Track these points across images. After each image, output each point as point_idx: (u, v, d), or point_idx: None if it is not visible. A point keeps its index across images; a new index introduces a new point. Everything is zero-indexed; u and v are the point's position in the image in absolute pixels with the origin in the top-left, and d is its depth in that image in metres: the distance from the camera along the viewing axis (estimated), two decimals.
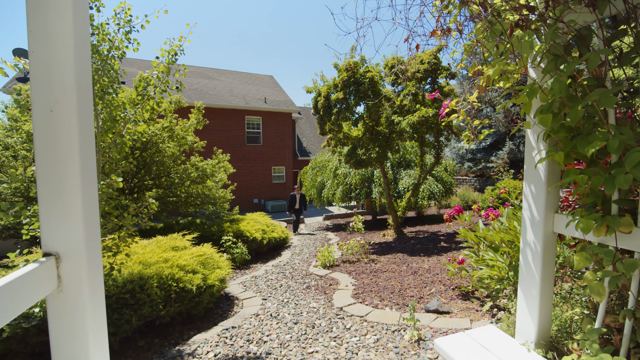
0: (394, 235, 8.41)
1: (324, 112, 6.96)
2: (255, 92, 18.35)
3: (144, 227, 3.07)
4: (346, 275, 5.02)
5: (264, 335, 3.11)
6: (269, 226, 7.93)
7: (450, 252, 5.99)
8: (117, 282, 2.99)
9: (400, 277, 4.62)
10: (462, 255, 3.39)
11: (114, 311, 2.86)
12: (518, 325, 1.67)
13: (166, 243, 3.96)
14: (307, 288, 4.61)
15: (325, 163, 12.21)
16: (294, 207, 10.77)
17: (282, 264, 6.40)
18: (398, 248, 6.84)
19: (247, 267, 6.44)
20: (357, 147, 7.35)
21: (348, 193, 10.89)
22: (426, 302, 3.55)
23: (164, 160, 6.86)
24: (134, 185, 7.14)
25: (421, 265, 5.20)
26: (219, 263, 4.09)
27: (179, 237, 4.29)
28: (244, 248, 6.58)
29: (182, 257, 3.67)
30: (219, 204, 7.91)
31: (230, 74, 19.93)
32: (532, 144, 1.60)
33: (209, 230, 7.16)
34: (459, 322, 2.90)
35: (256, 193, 17.44)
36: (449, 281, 4.17)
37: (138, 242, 4.03)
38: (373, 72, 6.69)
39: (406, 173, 11.05)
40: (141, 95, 3.10)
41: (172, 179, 7.15)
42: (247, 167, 17.13)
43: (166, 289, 3.23)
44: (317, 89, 7.20)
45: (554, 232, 1.50)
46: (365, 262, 5.77)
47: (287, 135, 18.18)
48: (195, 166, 7.10)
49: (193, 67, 19.24)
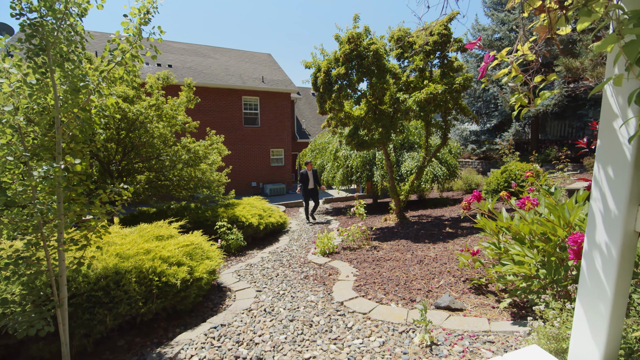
0: (396, 219, 8.08)
1: (324, 89, 6.47)
2: (252, 71, 17.66)
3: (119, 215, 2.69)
4: (347, 264, 4.70)
5: (255, 335, 2.79)
6: (266, 211, 7.59)
7: (456, 238, 5.66)
8: (89, 278, 2.64)
9: (405, 266, 4.29)
10: (479, 246, 3.05)
11: (85, 311, 2.53)
12: (574, 348, 1.32)
13: (150, 232, 3.60)
14: (305, 278, 4.29)
15: (325, 145, 11.75)
16: (306, 187, 8.88)
17: (279, 251, 6.09)
18: (401, 234, 6.51)
19: (243, 254, 6.13)
20: (359, 128, 6.90)
21: (349, 176, 10.50)
22: (435, 296, 3.23)
23: (152, 142, 6.43)
24: (122, 168, 6.74)
25: (427, 253, 4.87)
26: (208, 253, 3.74)
27: (164, 225, 3.93)
28: (239, 234, 6.26)
29: (167, 247, 3.32)
30: (213, 187, 7.53)
31: (226, 52, 19.14)
32: (613, 109, 1.18)
33: (202, 215, 6.82)
34: (475, 322, 2.57)
35: (254, 176, 17.06)
36: (459, 272, 3.84)
37: (119, 231, 3.67)
38: (378, 45, 6.16)
39: (409, 155, 10.63)
40: (108, 60, 2.64)
41: (162, 162, 6.74)
42: (245, 150, 16.68)
43: (147, 284, 2.89)
44: (316, 64, 6.68)
45: (636, 231, 1.12)
46: (367, 249, 5.45)
47: (285, 117, 17.62)
48: (186, 148, 6.68)
49: (186, 45, 18.46)
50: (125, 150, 6.71)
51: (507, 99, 16.76)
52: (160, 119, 6.64)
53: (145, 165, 6.87)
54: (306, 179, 8.89)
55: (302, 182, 8.83)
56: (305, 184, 8.88)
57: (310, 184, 8.96)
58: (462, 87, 6.02)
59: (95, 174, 6.46)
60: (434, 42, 6.29)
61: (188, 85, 7.22)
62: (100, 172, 6.57)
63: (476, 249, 3.13)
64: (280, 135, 17.59)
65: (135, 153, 6.69)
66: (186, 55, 17.07)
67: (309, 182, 8.91)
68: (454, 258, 4.44)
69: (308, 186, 8.92)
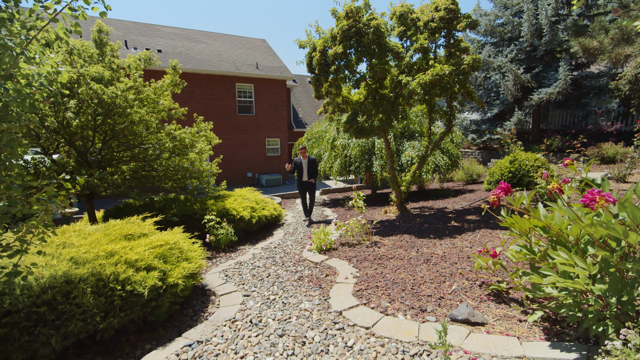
0: (397, 212, 7.64)
1: (319, 70, 5.92)
2: (246, 57, 16.94)
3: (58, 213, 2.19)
4: (345, 262, 4.24)
5: (237, 356, 2.33)
6: (259, 203, 7.11)
7: (464, 233, 5.22)
8: (31, 290, 2.16)
9: (410, 266, 3.84)
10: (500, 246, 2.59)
11: (24, 331, 2.05)
12: None
13: (118, 230, 3.10)
14: (299, 279, 3.83)
15: (322, 134, 11.21)
16: (300, 179, 7.39)
17: (272, 247, 5.63)
18: (403, 228, 6.07)
19: (234, 250, 5.67)
20: (358, 113, 6.37)
21: (347, 166, 10.00)
22: (449, 304, 2.78)
23: (133, 128, 5.88)
24: (103, 157, 6.20)
25: (433, 250, 4.42)
26: (187, 254, 3.26)
27: (137, 222, 3.43)
28: (229, 228, 5.78)
29: (136, 248, 2.83)
30: (203, 178, 7.01)
31: (219, 37, 18.37)
32: None
33: (190, 208, 6.33)
34: (503, 343, 2.12)
35: (249, 166, 16.52)
36: (472, 274, 3.39)
37: (82, 228, 3.17)
38: (379, 21, 5.59)
39: (410, 144, 10.12)
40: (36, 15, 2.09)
41: (146, 150, 6.20)
42: (240, 139, 16.09)
43: (107, 294, 2.41)
44: (311, 43, 6.10)
45: None
46: (367, 245, 5.00)
47: (281, 105, 17.00)
48: (170, 135, 6.14)
49: (177, 29, 17.67)
50: (105, 138, 6.17)
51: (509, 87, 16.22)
52: (141, 103, 6.09)
53: (128, 154, 6.34)
54: (300, 169, 7.34)
55: (297, 172, 7.44)
56: (299, 174, 7.41)
57: (305, 176, 7.36)
58: (472, 68, 5.50)
59: (72, 164, 5.93)
60: (440, 18, 5.73)
61: (173, 68, 6.63)
62: (77, 162, 6.04)
63: (498, 250, 2.68)
64: (276, 124, 17.00)
65: (119, 141, 6.15)
66: (177, 40, 16.31)
67: (303, 174, 7.36)
68: (464, 257, 4.00)
69: (302, 178, 7.40)
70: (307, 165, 7.36)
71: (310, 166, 7.38)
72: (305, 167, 7.37)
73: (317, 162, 7.68)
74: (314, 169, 7.43)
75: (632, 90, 13.66)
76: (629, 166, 8.73)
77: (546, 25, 15.19)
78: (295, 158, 7.53)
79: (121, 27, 15.71)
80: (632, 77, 13.51)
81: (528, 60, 16.59)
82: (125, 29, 15.76)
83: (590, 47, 5.75)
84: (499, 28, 17.31)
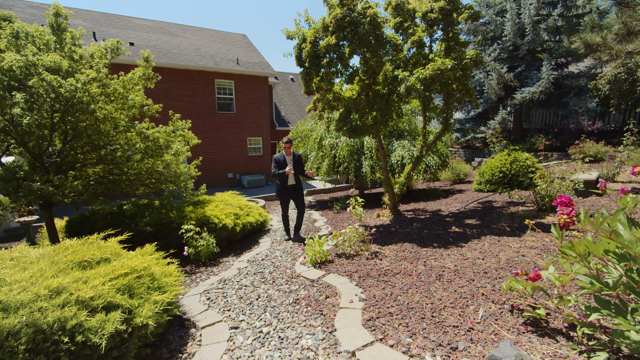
0: (391, 215, 7.23)
1: (310, 63, 5.38)
2: (225, 52, 16.13)
3: None
4: (346, 279, 3.74)
5: None
6: (243, 209, 6.50)
7: (470, 241, 4.84)
8: None
9: (422, 284, 3.39)
10: (546, 269, 2.17)
11: None
12: None
13: (70, 255, 2.45)
14: (296, 303, 3.30)
15: (308, 132, 10.66)
16: (283, 182, 5.66)
17: (259, 259, 5.06)
18: (400, 234, 5.65)
19: (216, 263, 5.07)
20: (351, 111, 5.88)
21: (335, 167, 9.52)
22: (483, 339, 2.33)
23: (98, 127, 5.15)
24: (63, 160, 5.43)
25: (442, 262, 3.99)
26: (161, 280, 2.66)
27: (96, 242, 2.77)
28: (210, 239, 5.16)
29: (92, 281, 2.21)
30: (180, 182, 6.32)
31: (197, 31, 17.44)
32: None
33: (166, 216, 5.65)
34: None
35: (230, 167, 15.75)
36: (496, 294, 2.97)
37: (23, 255, 2.51)
38: (375, 10, 5.12)
39: (399, 144, 9.77)
40: None
41: (113, 152, 5.47)
42: (220, 138, 15.30)
43: (48, 350, 1.79)
44: (300, 34, 5.56)
45: None
46: (366, 256, 4.52)
47: (263, 103, 16.31)
48: (142, 135, 5.43)
49: (151, 22, 16.62)
50: (66, 138, 5.40)
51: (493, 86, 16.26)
52: (108, 98, 5.35)
53: (94, 155, 5.59)
54: (285, 166, 5.58)
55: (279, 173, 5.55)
56: (281, 177, 5.62)
57: (291, 179, 5.68)
58: (474, 63, 5.12)
59: (25, 168, 5.14)
60: (440, 8, 5.32)
61: (146, 60, 5.91)
62: (32, 165, 5.25)
63: (544, 276, 2.25)
64: (257, 123, 16.30)
65: (84, 142, 5.40)
66: (151, 33, 15.30)
67: (286, 178, 5.66)
68: (479, 271, 3.58)
69: (287, 181, 5.67)
70: (294, 164, 5.68)
71: (296, 165, 5.70)
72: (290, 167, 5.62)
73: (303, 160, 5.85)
74: (301, 168, 5.79)
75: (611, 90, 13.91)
76: (618, 165, 8.71)
77: (529, 24, 15.27)
78: (276, 155, 5.70)
79: (89, 18, 14.54)
80: (612, 77, 13.75)
81: (511, 60, 16.68)
82: (94, 20, 14.60)
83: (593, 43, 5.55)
84: (481, 27, 17.32)
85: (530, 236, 4.70)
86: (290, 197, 5.86)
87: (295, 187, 5.83)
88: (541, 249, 4.12)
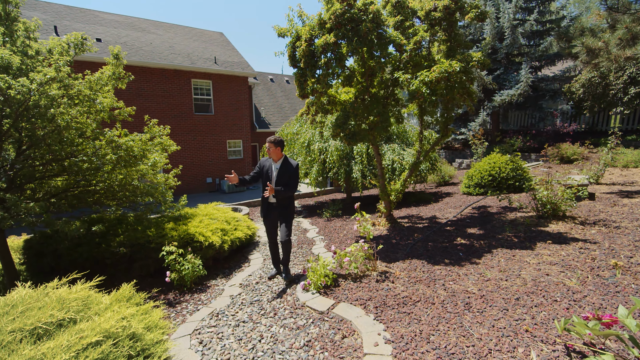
0: (387, 224, 6.86)
1: (305, 64, 4.89)
2: (202, 51, 15.27)
3: None
4: (361, 311, 3.28)
5: None
6: (231, 222, 5.90)
7: (482, 256, 4.52)
8: None
9: (451, 316, 2.98)
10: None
11: None
12: None
13: (19, 320, 1.79)
14: (308, 346, 2.80)
15: (294, 136, 10.14)
16: (266, 200, 4.16)
17: (253, 282, 4.51)
18: (403, 246, 5.28)
19: (203, 289, 4.47)
20: (349, 116, 5.44)
21: (325, 172, 9.07)
22: None
23: (59, 134, 4.40)
24: (16, 173, 4.63)
25: (463, 285, 3.62)
26: (144, 340, 2.07)
27: (57, 292, 2.13)
28: (196, 260, 4.55)
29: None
30: (157, 194, 5.62)
31: (170, 28, 16.44)
32: None
33: (143, 234, 4.98)
34: None
35: (209, 171, 14.92)
36: (540, 329, 2.61)
37: None
38: (377, 6, 4.70)
39: (389, 147, 9.47)
40: None
41: (78, 163, 4.72)
42: (197, 141, 14.44)
43: None
44: (294, 31, 5.05)
45: None
46: (375, 278, 4.09)
47: (243, 104, 15.59)
48: (113, 143, 4.72)
49: (120, 17, 15.47)
50: (20, 147, 4.61)
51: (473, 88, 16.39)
52: (72, 101, 4.61)
53: (55, 166, 4.82)
54: (268, 178, 4.14)
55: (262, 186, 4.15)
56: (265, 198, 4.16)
57: (271, 198, 4.15)
58: (482, 65, 4.82)
59: None
60: (445, 7, 4.99)
61: (116, 57, 5.19)
62: None
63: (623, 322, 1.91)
64: (237, 125, 15.55)
65: (43, 151, 4.62)
66: (120, 29, 14.20)
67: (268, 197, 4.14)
68: (509, 297, 3.23)
69: (268, 199, 4.15)
70: (278, 173, 4.09)
71: (281, 174, 4.08)
72: (275, 175, 4.10)
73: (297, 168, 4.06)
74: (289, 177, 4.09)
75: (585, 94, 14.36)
76: (602, 167, 8.83)
77: (508, 28, 15.50)
78: (261, 160, 4.30)
79: (49, 11, 13.26)
80: (586, 81, 14.19)
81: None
82: (55, 12, 13.34)
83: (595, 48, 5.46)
84: (461, 30, 17.43)
85: (544, 249, 4.44)
86: (277, 219, 4.26)
87: (282, 205, 4.14)
88: (562, 265, 3.85)
